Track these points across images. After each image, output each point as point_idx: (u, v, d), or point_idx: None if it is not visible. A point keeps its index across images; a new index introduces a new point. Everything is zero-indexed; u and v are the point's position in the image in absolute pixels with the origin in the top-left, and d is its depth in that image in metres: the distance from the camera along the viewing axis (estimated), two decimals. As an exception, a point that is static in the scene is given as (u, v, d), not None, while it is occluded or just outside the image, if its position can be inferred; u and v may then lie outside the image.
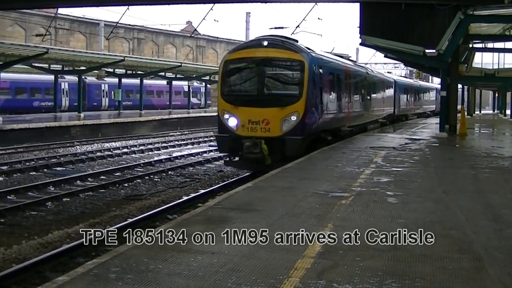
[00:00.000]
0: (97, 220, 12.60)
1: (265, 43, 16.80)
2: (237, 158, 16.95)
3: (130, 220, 12.15)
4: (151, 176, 18.96)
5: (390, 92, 34.63)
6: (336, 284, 5.27)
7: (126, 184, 17.38)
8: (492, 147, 19.71)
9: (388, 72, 47.02)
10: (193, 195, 15.34)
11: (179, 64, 47.84)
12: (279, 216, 8.01)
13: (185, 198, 14.88)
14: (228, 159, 17.55)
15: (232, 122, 16.47)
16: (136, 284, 5.26)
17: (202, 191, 15.87)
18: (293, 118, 16.13)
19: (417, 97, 47.23)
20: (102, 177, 18.70)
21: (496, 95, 69.99)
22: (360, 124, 25.85)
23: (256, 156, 15.83)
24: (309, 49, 17.72)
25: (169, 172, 19.99)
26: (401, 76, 49.44)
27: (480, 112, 67.20)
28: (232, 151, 16.86)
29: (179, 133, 40.22)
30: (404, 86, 40.96)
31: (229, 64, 17.23)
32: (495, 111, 69.37)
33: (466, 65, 34.78)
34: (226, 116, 16.61)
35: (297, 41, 17.96)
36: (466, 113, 30.99)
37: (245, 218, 7.84)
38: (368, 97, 27.26)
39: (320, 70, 17.67)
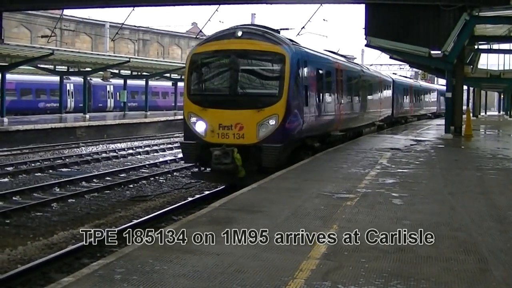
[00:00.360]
0: (102, 221, 12.62)
1: (239, 33, 14.42)
2: (209, 169, 14.63)
3: (135, 221, 12.16)
4: (156, 177, 18.99)
5: (388, 92, 32.49)
6: (341, 285, 5.27)
7: (131, 185, 17.40)
8: (497, 148, 19.67)
9: (393, 73, 45.88)
10: (198, 196, 15.36)
11: (184, 65, 47.79)
12: (284, 217, 8.01)
13: (190, 199, 14.90)
14: (196, 169, 15.55)
15: (200, 126, 14.22)
16: (141, 285, 5.26)
17: (207, 192, 15.87)
18: (272, 122, 13.86)
19: (417, 98, 44.77)
20: (107, 178, 18.73)
21: (502, 96, 69.87)
22: (354, 127, 23.45)
23: (227, 167, 13.61)
24: (292, 41, 15.64)
25: (174, 173, 20.01)
26: (400, 75, 46.82)
27: (485, 113, 67.10)
28: (200, 161, 14.57)
29: (184, 134, 40.18)
30: (403, 86, 38.77)
31: (196, 59, 14.92)
32: (501, 113, 69.23)
33: (471, 66, 34.67)
34: (193, 119, 14.35)
35: (278, 31, 15.75)
36: (471, 115, 30.94)
37: (250, 219, 7.85)
38: (363, 98, 24.87)
39: (305, 66, 15.48)
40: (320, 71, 17.57)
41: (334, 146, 18.38)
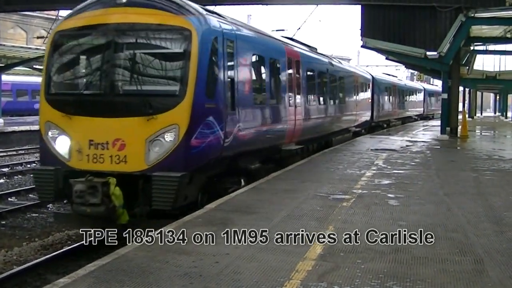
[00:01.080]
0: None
1: None
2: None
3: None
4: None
5: (366, 92, 28.05)
6: (337, 286, 5.26)
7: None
8: (493, 149, 19.71)
9: (384, 73, 42.91)
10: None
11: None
12: (280, 219, 8.01)
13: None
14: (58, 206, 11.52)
15: (62, 144, 9.52)
16: (137, 286, 5.26)
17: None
18: (169, 137, 9.04)
19: (402, 98, 40.08)
20: (103, 179, 18.66)
21: (497, 97, 70.10)
22: (318, 137, 18.41)
23: (96, 210, 8.93)
24: (208, 11, 10.63)
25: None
26: (383, 73, 42.07)
27: (481, 114, 67.29)
28: (63, 197, 9.93)
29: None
30: (385, 85, 34.17)
31: (60, 39, 10.12)
32: (496, 114, 69.46)
33: (467, 67, 34.82)
34: (53, 133, 9.66)
35: None
36: (467, 116, 31.03)
37: (246, 220, 7.84)
38: (333, 98, 20.17)
39: (232, 49, 10.72)
40: (260, 59, 12.76)
41: (289, 165, 14.01)
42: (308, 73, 16.81)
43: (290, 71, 14.80)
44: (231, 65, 10.62)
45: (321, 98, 18.34)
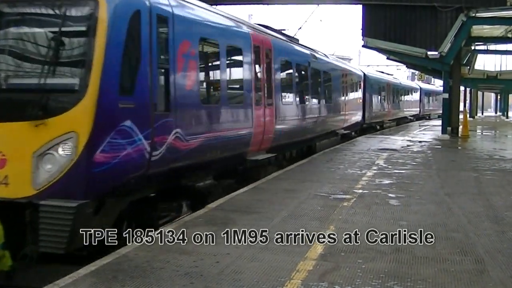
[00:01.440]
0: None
1: None
2: None
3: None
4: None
5: (357, 90, 25.55)
6: (338, 286, 5.26)
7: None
8: (494, 149, 19.70)
9: (378, 71, 39.63)
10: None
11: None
12: (281, 218, 8.00)
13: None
14: None
15: None
16: (138, 285, 5.25)
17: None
18: (65, 150, 6.62)
19: (397, 98, 37.65)
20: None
21: (498, 97, 70.14)
22: (297, 142, 15.71)
23: None
24: None
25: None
26: (378, 71, 38.78)
27: (482, 114, 67.31)
28: None
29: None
30: (378, 84, 31.57)
31: None
32: (497, 113, 69.48)
33: (468, 67, 34.83)
34: None
35: None
36: (468, 115, 31.07)
37: (247, 220, 7.83)
38: (316, 97, 17.57)
39: (165, 30, 8.13)
40: (211, 45, 10.20)
41: (260, 180, 11.63)
42: (284, 66, 14.30)
43: (258, 62, 12.25)
44: (164, 50, 8.10)
45: (301, 96, 15.91)
